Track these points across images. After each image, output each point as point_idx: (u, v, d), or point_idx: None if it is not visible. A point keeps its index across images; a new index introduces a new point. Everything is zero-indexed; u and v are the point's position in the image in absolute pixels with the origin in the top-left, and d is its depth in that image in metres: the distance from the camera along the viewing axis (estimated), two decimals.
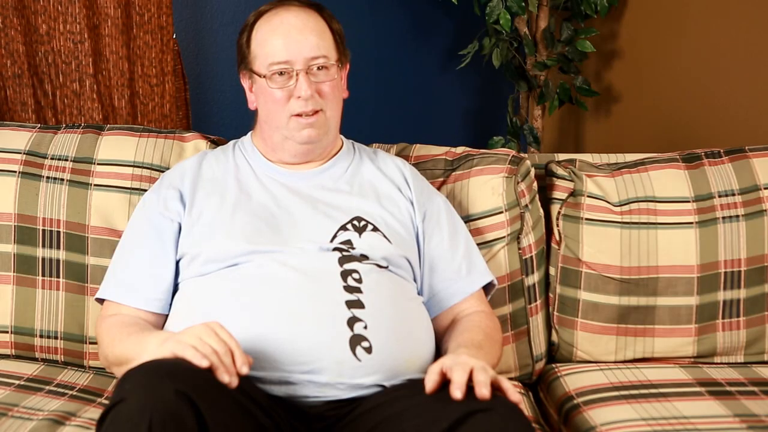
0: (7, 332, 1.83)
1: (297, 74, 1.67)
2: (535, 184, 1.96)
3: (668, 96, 2.82)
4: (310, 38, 1.68)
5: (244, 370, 1.37)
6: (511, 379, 1.89)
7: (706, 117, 2.64)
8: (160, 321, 1.65)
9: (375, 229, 1.67)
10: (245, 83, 1.77)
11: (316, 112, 1.69)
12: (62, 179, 1.87)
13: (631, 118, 3.02)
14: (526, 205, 1.91)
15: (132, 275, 1.66)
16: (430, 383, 1.39)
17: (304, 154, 1.74)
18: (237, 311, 1.54)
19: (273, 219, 1.67)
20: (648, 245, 1.89)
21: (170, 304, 1.66)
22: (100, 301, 1.70)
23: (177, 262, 1.67)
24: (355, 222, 1.67)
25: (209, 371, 1.37)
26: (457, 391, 1.35)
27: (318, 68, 1.69)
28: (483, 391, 1.35)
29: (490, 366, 1.49)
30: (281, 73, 1.68)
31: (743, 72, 2.49)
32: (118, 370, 1.55)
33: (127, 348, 1.53)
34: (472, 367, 1.38)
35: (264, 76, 1.69)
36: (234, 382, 1.35)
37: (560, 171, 1.96)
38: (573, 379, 1.84)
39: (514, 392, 1.38)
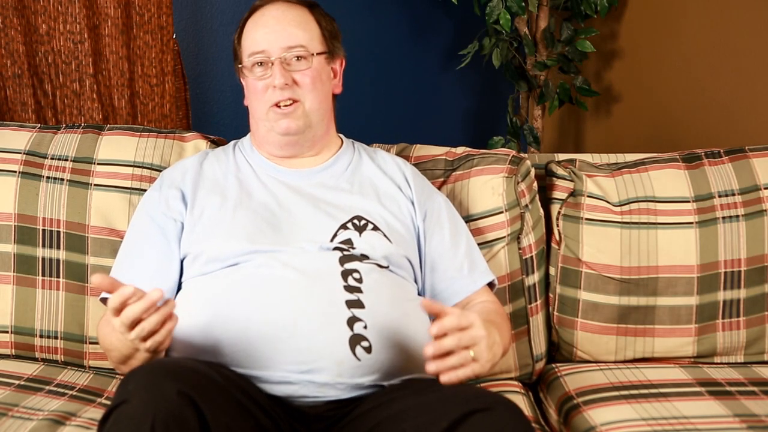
0: (7, 332, 1.83)
1: (273, 64, 1.69)
2: (535, 184, 1.96)
3: (668, 96, 2.82)
4: (288, 29, 1.71)
5: (155, 294, 1.35)
6: (511, 379, 1.89)
7: (706, 117, 2.64)
8: None
9: (375, 228, 1.67)
10: (243, 81, 1.79)
11: (294, 102, 1.70)
12: (62, 179, 1.87)
13: (631, 118, 3.02)
14: (526, 205, 1.92)
15: (136, 274, 1.66)
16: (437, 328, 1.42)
17: (289, 146, 1.74)
18: (237, 311, 1.54)
19: (274, 218, 1.67)
20: (648, 245, 1.89)
21: None
22: (105, 301, 1.70)
23: (181, 261, 1.67)
24: (356, 221, 1.67)
25: (211, 372, 1.38)
26: (432, 328, 1.40)
27: (297, 58, 1.70)
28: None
29: (506, 348, 1.56)
30: (261, 64, 1.70)
31: (743, 72, 2.49)
32: (123, 368, 1.55)
33: (111, 339, 1.53)
34: (472, 323, 1.42)
35: (246, 68, 1.72)
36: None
37: (560, 171, 1.96)
38: (573, 379, 1.84)
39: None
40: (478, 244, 1.83)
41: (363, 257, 1.62)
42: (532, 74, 2.97)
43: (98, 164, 1.90)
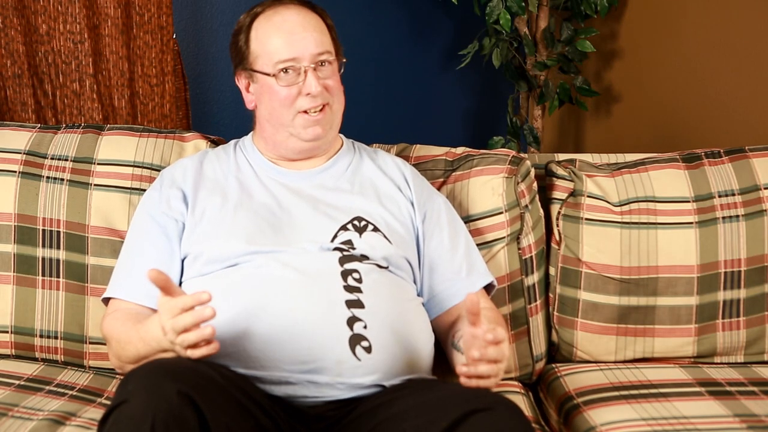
0: (7, 332, 1.83)
1: (305, 71, 1.68)
2: (535, 184, 1.96)
3: (668, 96, 2.82)
4: (314, 35, 1.70)
5: (207, 312, 1.37)
6: (511, 379, 1.89)
7: (706, 117, 2.64)
8: None
9: (375, 229, 1.67)
10: (241, 83, 1.77)
11: (324, 107, 1.70)
12: (62, 179, 1.87)
13: (631, 118, 3.02)
14: (526, 206, 1.91)
15: (137, 273, 1.66)
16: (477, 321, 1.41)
17: (309, 151, 1.74)
18: (237, 311, 1.54)
19: (275, 219, 1.67)
20: (648, 245, 1.89)
21: None
22: (106, 302, 1.70)
23: (182, 261, 1.67)
24: (356, 222, 1.67)
25: (211, 372, 1.38)
26: (489, 334, 1.38)
27: (322, 63, 1.70)
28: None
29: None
30: (286, 71, 1.68)
31: (743, 72, 2.49)
32: (129, 367, 1.54)
33: (131, 335, 1.53)
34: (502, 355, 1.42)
35: (271, 75, 1.69)
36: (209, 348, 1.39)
37: (560, 171, 1.96)
38: (573, 379, 1.84)
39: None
40: (478, 245, 1.83)
41: (363, 258, 1.62)
42: (532, 74, 2.97)
43: (98, 164, 1.90)
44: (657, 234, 1.90)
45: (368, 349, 1.51)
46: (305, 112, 1.69)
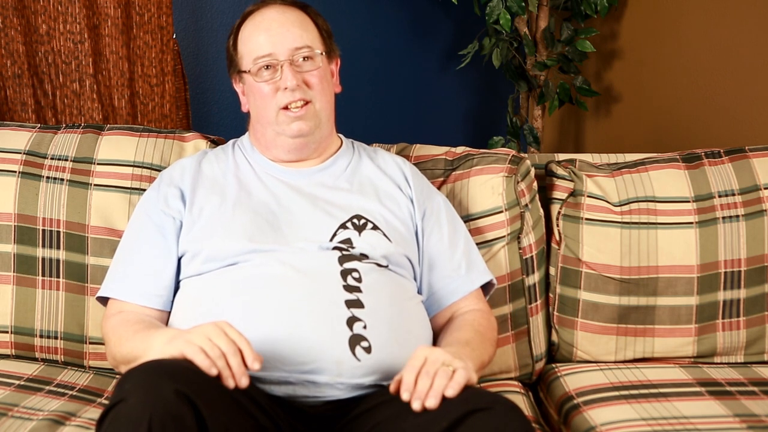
0: (7, 332, 1.83)
1: (282, 66, 1.68)
2: (535, 184, 1.96)
3: (668, 96, 2.82)
4: (292, 30, 1.70)
5: (256, 366, 1.36)
6: (511, 379, 1.90)
7: (706, 117, 2.64)
8: (164, 318, 1.65)
9: (375, 227, 1.67)
10: (238, 87, 1.78)
11: (306, 103, 1.69)
12: (62, 179, 1.88)
13: (631, 118, 3.02)
14: (526, 205, 1.92)
15: (133, 272, 1.66)
16: (394, 384, 1.41)
17: (299, 149, 1.74)
18: (236, 310, 1.54)
19: (273, 217, 1.67)
20: (648, 245, 1.89)
21: (172, 301, 1.66)
22: (102, 301, 1.70)
23: (179, 259, 1.67)
24: (355, 220, 1.67)
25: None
26: (415, 403, 1.35)
27: (303, 59, 1.70)
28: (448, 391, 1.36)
29: (476, 363, 1.52)
30: (267, 67, 1.69)
31: (743, 72, 2.49)
32: (126, 369, 1.54)
33: (134, 346, 1.52)
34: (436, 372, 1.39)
35: (250, 72, 1.70)
36: (242, 382, 1.35)
37: (560, 171, 1.96)
38: (573, 379, 1.84)
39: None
40: (478, 244, 1.83)
41: (362, 257, 1.62)
42: (532, 74, 2.97)
43: (98, 164, 1.90)
44: (657, 234, 1.90)
45: (368, 350, 1.51)
46: (286, 108, 1.69)
